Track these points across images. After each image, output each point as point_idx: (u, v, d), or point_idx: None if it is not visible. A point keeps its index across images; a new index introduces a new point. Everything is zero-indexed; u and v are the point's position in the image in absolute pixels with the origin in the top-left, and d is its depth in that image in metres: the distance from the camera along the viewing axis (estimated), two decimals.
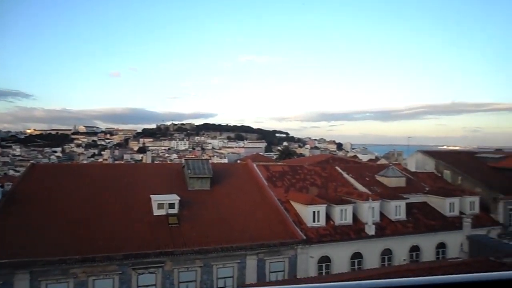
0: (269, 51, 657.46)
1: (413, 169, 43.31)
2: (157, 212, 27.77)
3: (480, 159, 46.90)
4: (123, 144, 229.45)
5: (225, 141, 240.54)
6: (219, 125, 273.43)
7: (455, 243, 32.20)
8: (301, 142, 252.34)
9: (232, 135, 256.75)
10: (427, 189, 38.34)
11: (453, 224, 33.81)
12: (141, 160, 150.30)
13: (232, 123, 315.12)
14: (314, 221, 30.32)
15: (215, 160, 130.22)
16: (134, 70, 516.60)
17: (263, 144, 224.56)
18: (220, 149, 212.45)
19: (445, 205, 35.64)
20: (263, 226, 28.74)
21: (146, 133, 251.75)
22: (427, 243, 33.15)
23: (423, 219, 34.54)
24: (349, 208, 31.77)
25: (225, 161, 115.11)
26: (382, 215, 33.21)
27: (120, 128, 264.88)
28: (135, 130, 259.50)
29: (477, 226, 32.66)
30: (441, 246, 33.62)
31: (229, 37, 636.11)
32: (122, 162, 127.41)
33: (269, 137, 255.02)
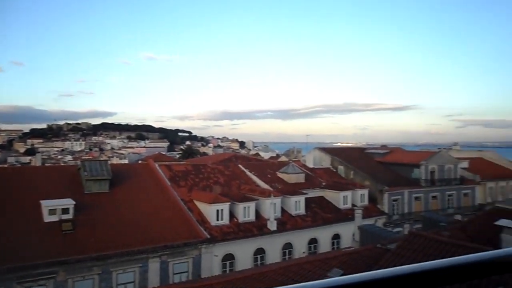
0: (171, 49, 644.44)
1: (311, 165, 45.77)
2: (48, 218, 25.48)
3: (368, 155, 51.39)
4: (7, 146, 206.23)
5: (125, 141, 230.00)
6: (119, 125, 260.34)
7: (348, 233, 34.78)
8: (204, 141, 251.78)
9: (132, 134, 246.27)
10: (323, 184, 40.82)
11: (346, 215, 36.46)
12: (29, 163, 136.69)
13: (132, 122, 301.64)
14: (218, 219, 30.40)
15: (115, 161, 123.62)
16: (20, 65, 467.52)
17: (165, 144, 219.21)
18: (120, 149, 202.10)
19: (339, 199, 38.27)
20: (166, 227, 28.03)
21: (35, 133, 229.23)
22: (324, 235, 35.29)
23: (320, 213, 36.68)
24: (252, 205, 32.44)
25: (126, 161, 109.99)
26: (283, 210, 34.51)
27: (2, 128, 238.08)
28: (21, 130, 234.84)
29: (366, 216, 35.69)
30: (336, 237, 36.05)
31: (128, 33, 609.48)
32: (6, 166, 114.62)
33: (171, 136, 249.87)
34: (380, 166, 47.07)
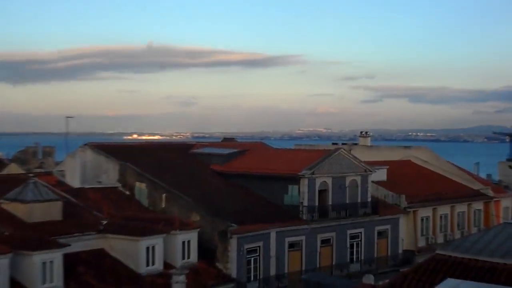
0: None
1: (77, 183, 29.09)
2: None
3: (198, 158, 34.66)
4: None
5: None
6: None
7: None
8: None
9: None
10: (104, 222, 24.12)
11: None
12: None
13: None
14: None
15: None
16: None
17: None
18: None
19: (139, 253, 22.79)
20: None
21: None
22: None
23: (98, 286, 19.64)
24: None
25: None
26: (13, 283, 18.92)
27: None
28: None
29: None
30: None
31: None
32: None
33: None
34: (221, 182, 27.20)
